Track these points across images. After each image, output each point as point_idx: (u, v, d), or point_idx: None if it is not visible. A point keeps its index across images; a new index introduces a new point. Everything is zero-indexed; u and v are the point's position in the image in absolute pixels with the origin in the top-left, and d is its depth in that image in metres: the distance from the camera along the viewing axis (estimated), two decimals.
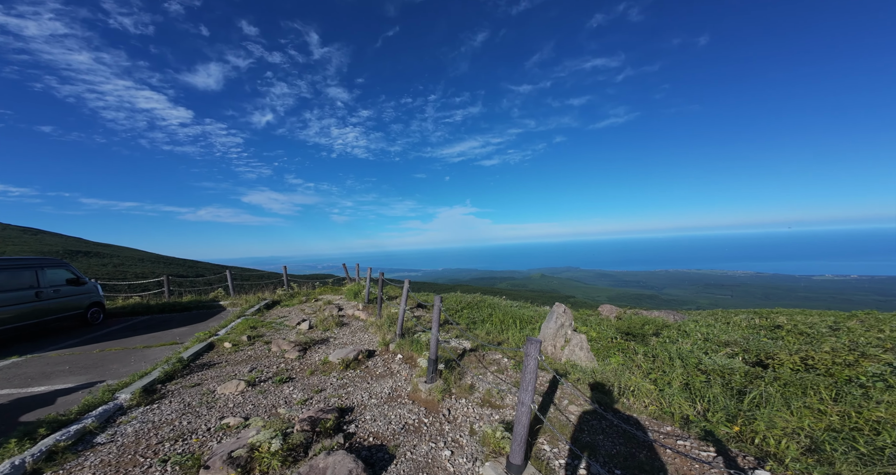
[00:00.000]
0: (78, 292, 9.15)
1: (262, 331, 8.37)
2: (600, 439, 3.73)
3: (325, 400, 4.64)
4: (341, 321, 9.06)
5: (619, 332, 9.00)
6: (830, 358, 5.71)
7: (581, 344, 6.67)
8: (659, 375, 5.68)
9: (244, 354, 6.66)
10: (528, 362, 2.97)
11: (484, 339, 7.06)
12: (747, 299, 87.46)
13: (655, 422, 4.09)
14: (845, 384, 4.52)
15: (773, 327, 9.70)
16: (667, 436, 3.76)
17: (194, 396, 4.80)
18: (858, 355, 5.66)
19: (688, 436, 3.74)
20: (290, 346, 6.77)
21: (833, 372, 5.15)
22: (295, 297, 13.29)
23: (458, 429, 3.88)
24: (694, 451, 3.42)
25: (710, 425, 3.89)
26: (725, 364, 6.04)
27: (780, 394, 4.41)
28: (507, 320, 8.86)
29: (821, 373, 5.25)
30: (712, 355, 6.72)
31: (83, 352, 7.00)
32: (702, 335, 8.66)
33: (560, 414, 4.20)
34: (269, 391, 4.94)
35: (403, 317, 6.84)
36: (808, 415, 3.71)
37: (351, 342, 7.42)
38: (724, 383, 5.08)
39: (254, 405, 4.54)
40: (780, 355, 6.24)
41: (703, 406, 4.44)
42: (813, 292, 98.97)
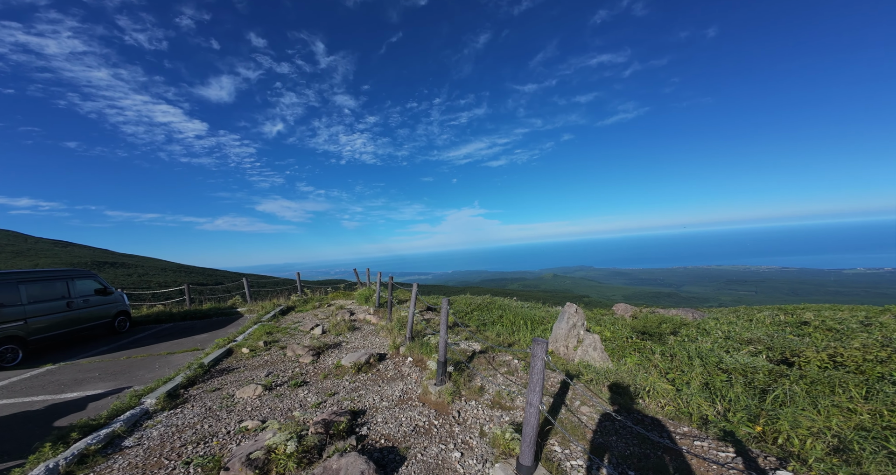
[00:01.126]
0: (106, 302, 9.54)
1: (278, 336, 8.54)
2: (613, 440, 3.64)
3: (338, 403, 4.71)
4: (353, 325, 9.17)
5: (635, 332, 8.78)
6: (861, 354, 5.42)
7: (594, 344, 6.54)
8: (677, 375, 5.52)
9: (261, 359, 6.80)
10: (535, 363, 2.93)
11: (494, 341, 7.00)
12: (773, 295, 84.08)
13: (672, 423, 3.97)
14: (877, 381, 4.28)
15: (800, 323, 9.28)
16: (684, 437, 3.64)
17: (215, 400, 4.93)
18: (892, 351, 5.36)
19: (706, 437, 3.61)
20: (304, 351, 6.89)
21: (864, 369, 4.90)
22: (308, 303, 13.56)
23: (467, 430, 3.86)
24: (712, 452, 3.30)
25: (730, 425, 3.74)
26: (748, 362, 5.81)
27: (807, 393, 4.21)
28: (518, 321, 8.77)
29: (850, 370, 4.99)
30: (734, 354, 6.49)
31: (112, 359, 7.30)
32: (723, 333, 8.38)
33: (572, 415, 4.12)
34: (284, 395, 5.05)
35: (413, 321, 6.90)
36: (837, 414, 3.53)
37: (362, 346, 7.50)
38: (746, 382, 4.88)
39: (270, 408, 4.63)
40: (806, 352, 5.97)
41: (724, 406, 4.28)
42: (844, 287, 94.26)
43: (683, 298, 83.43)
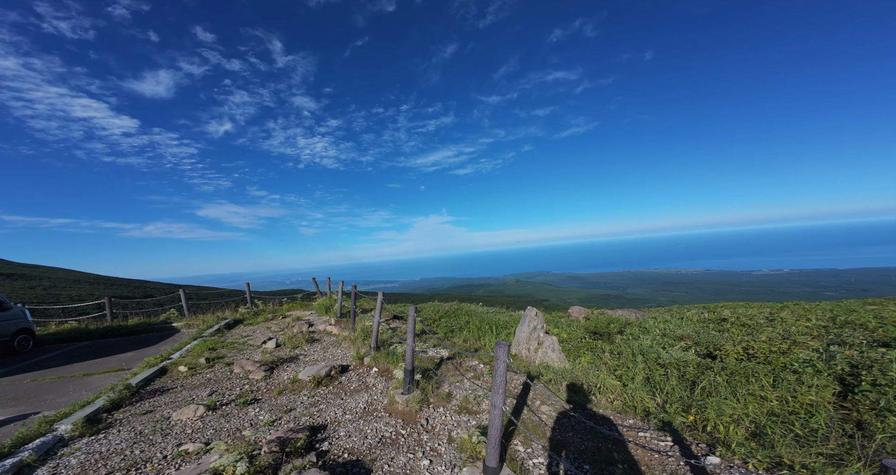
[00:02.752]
0: (1, 319, 7.90)
1: (223, 352, 7.47)
2: (570, 436, 3.68)
3: (294, 419, 4.24)
4: (312, 337, 8.28)
5: (588, 332, 9.06)
6: (767, 347, 5.89)
7: (553, 345, 6.67)
8: (623, 371, 5.71)
9: (203, 377, 5.91)
10: (498, 366, 2.93)
11: (461, 347, 6.88)
12: (699, 295, 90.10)
13: (620, 416, 4.09)
14: (781, 370, 4.65)
15: (720, 320, 9.99)
16: (629, 429, 3.75)
17: (146, 424, 4.23)
18: (791, 343, 5.88)
19: (648, 428, 3.74)
20: (255, 366, 6.12)
21: (770, 359, 5.31)
22: (260, 315, 11.86)
23: (436, 437, 3.72)
24: (653, 442, 3.42)
25: (667, 416, 3.90)
26: (680, 357, 6.13)
27: (727, 383, 4.49)
28: (484, 327, 8.70)
29: (760, 361, 5.40)
30: (669, 349, 6.82)
31: (12, 382, 6.04)
32: (660, 331, 8.82)
33: (533, 414, 4.14)
34: (232, 414, 4.44)
35: (378, 330, 6.48)
36: (752, 402, 3.79)
37: (323, 358, 6.82)
38: (679, 375, 5.13)
39: (215, 429, 4.06)
40: (725, 346, 6.39)
41: (662, 398, 4.47)
42: (753, 286, 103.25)
43: (628, 299, 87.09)
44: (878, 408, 3.03)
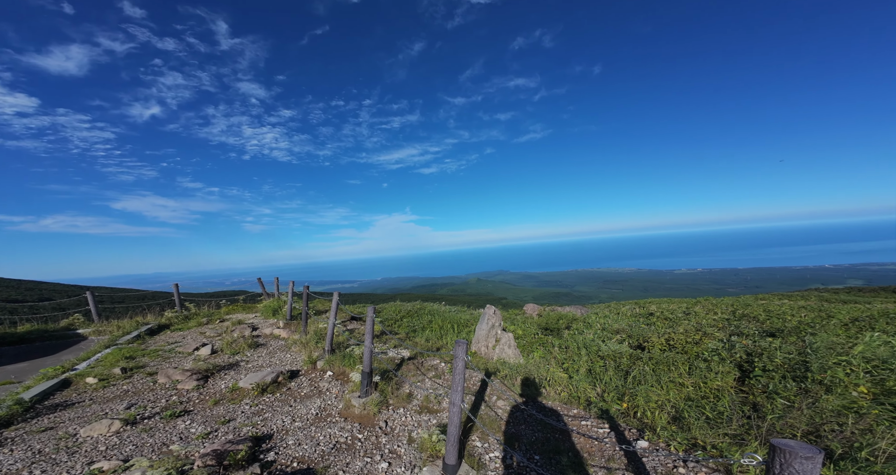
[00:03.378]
0: None
1: (144, 360, 6.43)
2: (523, 429, 3.78)
3: (234, 430, 3.80)
4: (256, 342, 7.41)
5: (540, 328, 9.44)
6: (684, 338, 6.53)
7: (509, 342, 6.84)
8: (570, 364, 5.99)
9: (118, 389, 5.09)
10: (457, 364, 2.92)
11: (423, 347, 6.77)
12: (632, 292, 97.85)
13: (566, 407, 4.28)
14: (695, 359, 5.17)
15: (648, 315, 10.95)
16: (574, 418, 3.94)
17: (47, 442, 3.62)
18: (702, 334, 6.57)
19: (589, 416, 3.95)
20: (184, 376, 5.38)
21: (687, 349, 5.89)
22: (192, 319, 10.22)
23: (395, 439, 3.59)
24: (593, 430, 3.62)
25: (605, 404, 4.14)
26: (616, 349, 6.57)
27: (653, 372, 4.88)
28: (446, 326, 8.64)
29: (679, 351, 5.96)
30: (607, 342, 7.30)
31: None
32: (600, 325, 9.42)
33: (490, 410, 4.20)
34: (156, 428, 3.90)
35: (333, 332, 5.98)
36: (673, 388, 4.15)
37: (269, 364, 6.17)
38: (616, 366, 5.48)
39: (136, 445, 3.54)
40: (652, 338, 6.98)
41: (602, 388, 4.74)
42: (674, 284, 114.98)
43: (575, 297, 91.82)
44: (768, 392, 3.47)
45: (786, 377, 3.73)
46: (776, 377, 3.76)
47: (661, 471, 2.77)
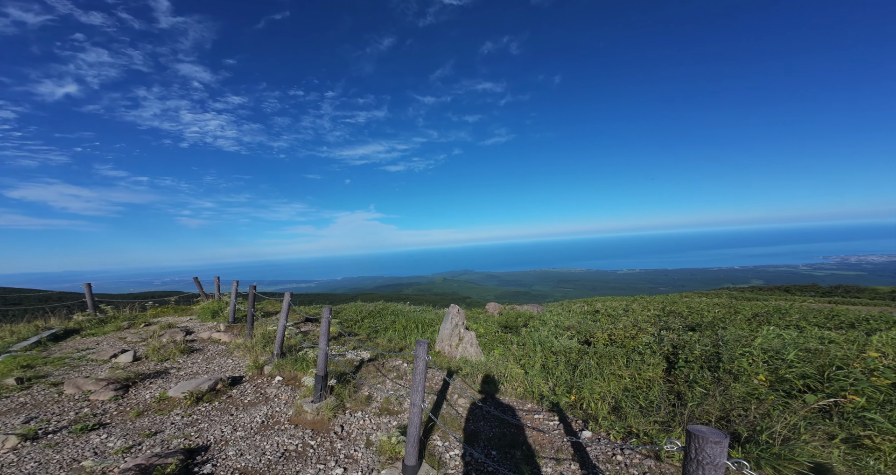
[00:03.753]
0: None
1: (46, 369, 5.50)
2: (482, 425, 3.83)
3: (162, 443, 3.37)
4: (191, 347, 6.56)
5: (501, 326, 9.69)
6: (623, 333, 7.08)
7: (471, 340, 6.92)
8: (526, 360, 6.20)
9: (13, 402, 4.36)
10: (418, 364, 2.87)
11: (385, 347, 6.57)
12: (582, 291, 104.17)
13: (521, 402, 4.41)
14: (631, 353, 5.63)
15: (594, 312, 11.75)
16: (528, 413, 4.08)
17: None
18: (637, 330, 7.17)
19: (541, 410, 4.11)
20: (99, 386, 4.65)
21: (625, 343, 6.38)
22: (109, 323, 8.79)
23: (352, 444, 3.42)
24: (544, 423, 3.77)
25: (556, 398, 4.32)
26: (567, 345, 6.94)
27: (597, 365, 5.21)
28: (410, 326, 8.48)
29: (619, 345, 6.45)
30: (560, 339, 7.68)
31: None
32: (554, 323, 9.89)
33: (451, 408, 4.20)
34: (64, 443, 3.39)
35: (284, 335, 5.49)
36: (613, 380, 4.46)
37: (206, 370, 5.50)
38: (566, 361, 5.76)
39: (39, 462, 3.05)
40: (597, 334, 7.48)
41: (553, 382, 4.94)
42: (617, 283, 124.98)
43: (533, 296, 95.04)
44: (689, 381, 3.87)
45: (703, 367, 4.19)
46: (695, 367, 4.20)
47: (602, 459, 2.95)
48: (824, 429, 2.59)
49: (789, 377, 3.43)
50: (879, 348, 3.72)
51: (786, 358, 3.80)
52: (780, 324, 7.55)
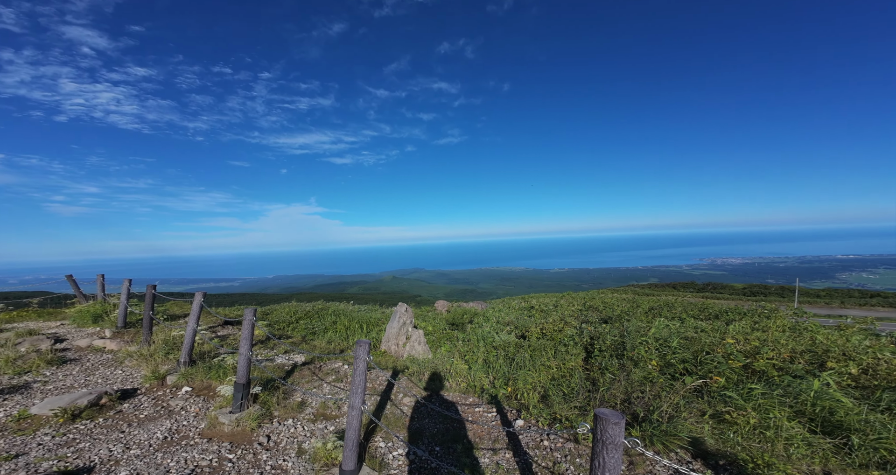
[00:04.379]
0: None
1: None
2: (426, 423, 3.77)
3: (28, 466, 2.75)
4: (62, 357, 5.42)
5: (448, 324, 9.79)
6: (552, 326, 7.68)
7: (419, 338, 6.82)
8: (470, 356, 6.30)
9: None
10: (358, 365, 2.70)
11: (324, 350, 6.07)
12: (521, 288, 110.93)
13: (463, 397, 4.45)
14: (558, 344, 6.12)
15: (530, 308, 12.62)
16: (469, 406, 4.14)
17: None
18: (564, 323, 7.85)
19: (482, 403, 4.20)
20: None
21: (554, 336, 6.92)
22: None
23: (281, 454, 3.07)
24: (484, 415, 3.87)
25: (495, 390, 4.42)
26: (506, 340, 7.26)
27: (531, 357, 5.54)
28: (354, 326, 7.96)
29: (549, 338, 6.97)
30: (500, 334, 8.02)
31: None
32: (496, 319, 10.33)
33: (396, 408, 4.07)
34: None
35: (194, 340, 4.73)
36: (543, 371, 4.77)
37: (84, 383, 4.54)
38: (505, 355, 5.97)
39: None
40: (531, 328, 8.00)
41: (493, 375, 5.08)
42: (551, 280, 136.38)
43: (479, 293, 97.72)
44: (601, 368, 4.33)
45: (612, 356, 4.72)
46: (606, 356, 4.72)
47: (531, 445, 3.12)
48: (698, 406, 3.11)
49: (674, 362, 4.04)
50: (734, 336, 4.62)
51: (671, 345, 4.47)
52: (668, 316, 8.94)
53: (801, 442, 2.62)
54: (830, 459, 2.56)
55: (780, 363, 3.64)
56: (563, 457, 2.88)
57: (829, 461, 2.56)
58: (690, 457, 2.68)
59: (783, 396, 2.96)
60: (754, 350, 4.00)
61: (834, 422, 2.78)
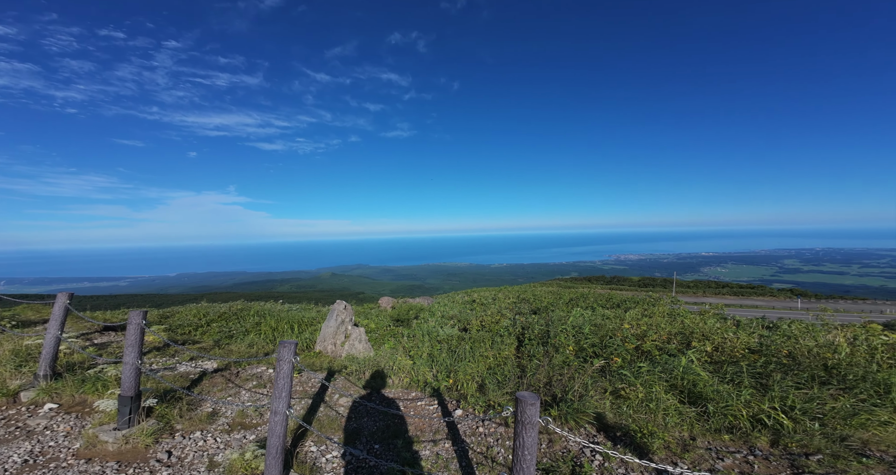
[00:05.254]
0: None
1: None
2: (365, 422, 3.65)
3: None
4: None
5: (393, 320, 9.62)
6: (490, 319, 8.19)
7: (360, 337, 6.54)
8: (415, 351, 6.31)
9: None
10: (282, 367, 2.46)
11: (244, 354, 5.42)
12: (466, 283, 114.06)
13: (406, 392, 4.43)
14: (496, 335, 6.55)
15: (472, 301, 13.21)
16: (412, 401, 4.14)
17: None
18: (500, 316, 8.43)
19: (424, 397, 4.24)
20: None
21: (492, 328, 7.39)
22: None
23: (187, 469, 2.70)
24: (425, 408, 3.92)
25: (437, 383, 4.50)
26: (450, 333, 7.47)
27: (471, 349, 5.80)
28: (283, 327, 7.18)
29: (487, 330, 7.41)
30: (444, 327, 8.22)
31: None
32: (441, 313, 10.53)
33: (330, 410, 3.84)
34: None
35: (57, 349, 3.91)
36: (481, 361, 5.04)
37: None
38: (448, 348, 6.14)
39: None
40: (473, 321, 8.39)
41: (437, 369, 5.16)
42: (492, 275, 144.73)
43: (426, 289, 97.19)
44: (530, 355, 4.78)
45: (539, 343, 5.24)
46: (534, 344, 5.22)
47: (468, 433, 3.28)
48: (602, 385, 3.66)
49: (585, 346, 4.67)
50: (630, 322, 5.55)
51: (584, 332, 5.16)
52: (583, 306, 10.29)
53: (673, 412, 3.08)
54: (695, 426, 2.99)
55: (660, 344, 4.51)
56: (496, 441, 3.10)
57: (694, 427, 2.99)
58: (595, 431, 3.11)
59: (662, 373, 3.64)
60: (643, 333, 4.88)
61: (697, 393, 3.32)
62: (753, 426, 2.90)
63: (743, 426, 2.90)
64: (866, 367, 3.36)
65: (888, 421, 2.84)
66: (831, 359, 3.45)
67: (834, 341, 3.72)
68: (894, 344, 3.64)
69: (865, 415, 2.87)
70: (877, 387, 3.14)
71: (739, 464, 2.63)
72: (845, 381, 3.23)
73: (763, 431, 2.92)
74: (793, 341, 3.88)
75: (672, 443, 2.83)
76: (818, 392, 3.10)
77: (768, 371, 3.50)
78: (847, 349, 3.56)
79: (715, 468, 2.57)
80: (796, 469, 2.54)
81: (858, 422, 2.89)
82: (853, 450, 2.69)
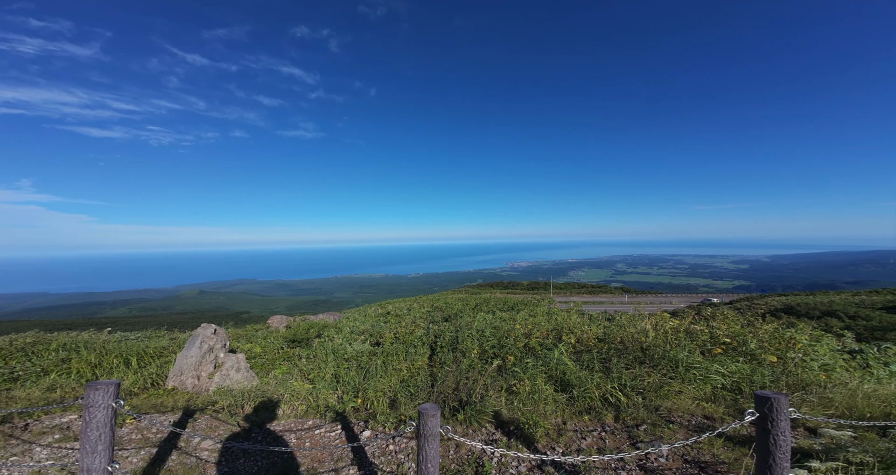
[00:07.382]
0: None
1: None
2: (241, 464, 2.96)
3: None
4: None
5: (287, 341, 8.26)
6: (405, 330, 8.07)
7: (237, 365, 5.34)
8: (316, 373, 5.55)
9: None
10: (94, 415, 1.81)
11: (39, 400, 3.89)
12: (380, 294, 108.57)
13: (301, 421, 3.83)
14: (410, 346, 6.48)
15: (386, 313, 12.75)
16: (308, 431, 3.60)
17: None
18: (415, 326, 8.44)
19: (324, 423, 3.75)
20: None
21: (406, 339, 7.28)
22: None
23: None
24: (325, 436, 3.47)
25: (342, 405, 3.99)
26: (360, 349, 6.93)
27: (384, 363, 5.49)
28: (110, 362, 5.37)
29: (402, 341, 7.26)
30: (353, 344, 7.57)
31: None
32: (350, 329, 9.69)
33: (188, 457, 2.97)
34: None
35: None
36: (394, 375, 4.82)
37: None
38: (358, 365, 5.59)
39: None
40: (386, 334, 8.06)
41: (342, 389, 4.63)
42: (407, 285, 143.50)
43: (334, 303, 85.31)
44: (441, 363, 4.92)
45: (449, 350, 5.48)
46: (446, 350, 5.43)
47: (378, 454, 3.07)
48: (500, 383, 4.07)
49: (487, 348, 5.16)
50: (520, 322, 6.45)
51: (486, 334, 5.70)
52: (486, 310, 11.39)
53: (551, 400, 3.39)
54: (565, 411, 3.33)
55: (541, 340, 5.38)
56: (406, 457, 3.01)
57: (565, 412, 3.34)
58: (494, 428, 3.35)
59: (542, 366, 4.26)
60: (529, 332, 5.75)
61: (566, 381, 3.73)
62: (603, 405, 3.47)
63: (596, 406, 3.45)
64: (664, 347, 4.39)
65: (680, 390, 3.75)
66: (644, 342, 4.66)
67: (646, 328, 5.14)
68: (677, 327, 5.31)
69: (667, 387, 3.66)
70: (671, 363, 4.10)
71: (596, 441, 3.04)
72: (653, 360, 4.16)
73: (608, 408, 3.40)
74: (622, 329, 5.19)
75: (550, 429, 3.20)
76: (639, 370, 3.89)
77: (609, 356, 4.39)
78: (653, 334, 4.94)
79: (581, 448, 2.99)
80: (632, 439, 3.02)
81: (664, 392, 3.55)
82: (663, 418, 3.22)
